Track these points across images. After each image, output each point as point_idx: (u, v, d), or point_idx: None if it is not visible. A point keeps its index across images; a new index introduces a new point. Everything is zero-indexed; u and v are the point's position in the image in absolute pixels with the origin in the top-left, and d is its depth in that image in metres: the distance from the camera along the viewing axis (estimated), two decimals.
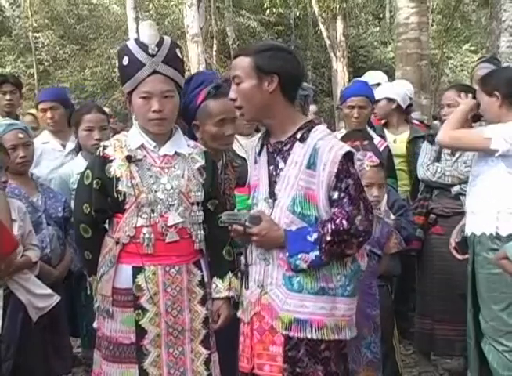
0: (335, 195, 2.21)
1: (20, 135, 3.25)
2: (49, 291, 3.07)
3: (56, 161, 3.99)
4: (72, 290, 3.46)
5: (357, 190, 2.23)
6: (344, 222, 2.18)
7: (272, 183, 2.31)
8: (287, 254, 2.23)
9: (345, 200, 2.20)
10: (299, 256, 2.20)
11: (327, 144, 2.22)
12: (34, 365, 3.04)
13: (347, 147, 2.26)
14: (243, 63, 2.26)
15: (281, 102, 2.27)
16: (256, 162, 2.41)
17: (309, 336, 2.22)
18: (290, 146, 2.28)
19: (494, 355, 2.97)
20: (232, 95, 2.31)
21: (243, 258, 2.43)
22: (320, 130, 2.29)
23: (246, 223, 2.25)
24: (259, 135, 2.48)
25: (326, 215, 2.23)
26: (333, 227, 2.18)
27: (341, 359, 2.32)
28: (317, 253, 2.19)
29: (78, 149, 3.81)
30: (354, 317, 2.33)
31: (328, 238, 2.18)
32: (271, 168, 2.33)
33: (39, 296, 3.01)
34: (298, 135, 2.26)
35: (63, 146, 4.20)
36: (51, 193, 3.38)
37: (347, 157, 2.22)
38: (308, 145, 2.24)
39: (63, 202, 3.35)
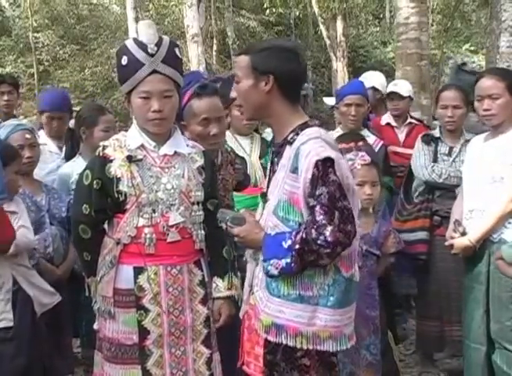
0: (311, 202, 2.13)
1: (27, 136, 3.29)
2: (52, 289, 3.11)
3: (53, 164, 3.97)
4: (74, 290, 3.47)
5: (331, 199, 2.10)
6: (313, 231, 2.09)
7: (268, 185, 2.32)
8: (261, 258, 2.21)
9: (317, 209, 2.10)
10: (271, 262, 2.16)
11: (306, 149, 2.14)
12: (39, 364, 3.05)
13: (325, 153, 2.12)
14: (243, 62, 2.25)
15: (279, 102, 2.24)
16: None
17: (284, 342, 2.18)
18: (283, 149, 2.25)
19: (503, 357, 2.96)
20: (232, 93, 2.30)
21: (246, 255, 2.44)
22: (307, 133, 2.19)
23: (228, 223, 2.27)
24: None
25: None
26: (303, 236, 2.10)
27: (326, 368, 2.26)
28: (288, 260, 2.13)
29: (77, 149, 3.80)
30: (344, 329, 2.24)
31: (297, 246, 2.10)
32: (270, 169, 2.34)
33: (44, 291, 3.06)
34: (289, 138, 2.22)
35: (60, 148, 4.18)
36: (55, 194, 3.41)
37: (325, 164, 2.11)
38: (293, 148, 2.18)
39: (67, 202, 3.37)
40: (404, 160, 4.37)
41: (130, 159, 2.38)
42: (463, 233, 3.12)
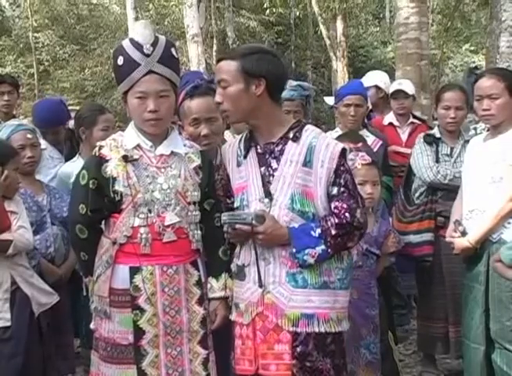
0: (334, 190, 2.28)
1: (29, 136, 3.31)
2: (50, 289, 3.12)
3: (56, 169, 3.96)
4: (74, 290, 3.47)
5: (354, 185, 2.34)
6: (347, 215, 2.26)
7: (265, 184, 2.33)
8: (294, 250, 2.27)
9: (345, 195, 2.29)
10: (306, 251, 2.26)
11: (323, 142, 2.30)
12: (38, 364, 3.06)
13: (340, 144, 2.35)
14: (230, 66, 2.29)
15: (268, 104, 2.32)
16: (239, 165, 2.43)
17: (317, 330, 2.27)
18: (282, 146, 2.32)
19: (503, 357, 2.95)
20: (217, 98, 2.32)
21: (236, 260, 2.44)
22: (311, 129, 2.36)
23: (253, 222, 2.26)
24: (237, 138, 2.51)
25: (324, 211, 2.29)
26: (337, 221, 2.26)
27: (341, 354, 2.37)
28: (323, 247, 2.26)
29: (77, 149, 3.81)
30: (347, 309, 2.41)
31: (333, 232, 2.25)
32: (262, 168, 2.36)
33: (42, 291, 3.07)
34: (290, 135, 2.32)
35: (60, 150, 4.18)
36: (57, 194, 3.43)
37: (343, 154, 2.32)
38: (303, 143, 2.30)
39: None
40: (406, 160, 4.36)
41: (126, 159, 2.38)
42: (464, 233, 3.12)
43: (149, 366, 2.37)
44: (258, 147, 2.38)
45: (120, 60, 2.39)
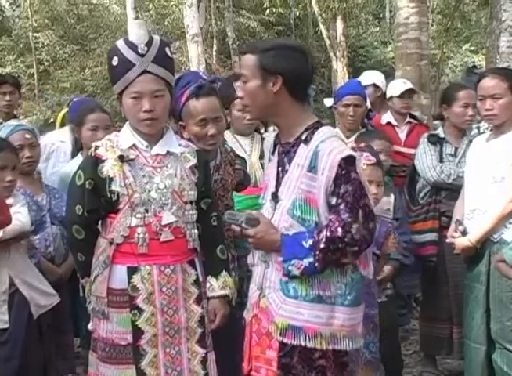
0: (333, 201, 2.12)
1: (27, 136, 3.30)
2: (52, 290, 3.10)
3: (63, 164, 3.97)
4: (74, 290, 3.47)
5: (356, 197, 2.12)
6: (339, 229, 2.09)
7: (277, 185, 2.27)
8: (281, 259, 2.17)
9: (342, 207, 2.10)
10: (292, 262, 2.14)
11: (327, 147, 2.14)
12: (37, 364, 3.05)
13: (347, 151, 2.16)
14: (249, 61, 2.22)
15: (287, 102, 2.21)
16: (269, 161, 2.40)
17: (303, 344, 2.15)
18: (296, 148, 2.22)
19: (503, 357, 2.96)
20: (239, 93, 2.29)
21: (249, 259, 2.41)
22: (324, 131, 2.21)
23: (243, 224, 2.22)
24: (275, 133, 2.46)
25: (326, 221, 2.15)
26: (328, 234, 2.09)
27: (339, 368, 2.25)
28: (311, 260, 2.11)
29: (79, 148, 3.81)
30: (358, 328, 2.24)
31: (322, 245, 2.10)
32: (279, 169, 2.29)
33: (41, 293, 3.04)
34: (303, 137, 2.21)
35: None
36: (56, 193, 3.43)
37: (348, 162, 2.13)
38: (311, 147, 2.17)
39: None
40: (406, 160, 4.35)
41: (122, 159, 2.38)
42: (464, 233, 3.12)
43: (149, 366, 2.37)
44: (279, 146, 2.31)
45: (115, 61, 2.39)
